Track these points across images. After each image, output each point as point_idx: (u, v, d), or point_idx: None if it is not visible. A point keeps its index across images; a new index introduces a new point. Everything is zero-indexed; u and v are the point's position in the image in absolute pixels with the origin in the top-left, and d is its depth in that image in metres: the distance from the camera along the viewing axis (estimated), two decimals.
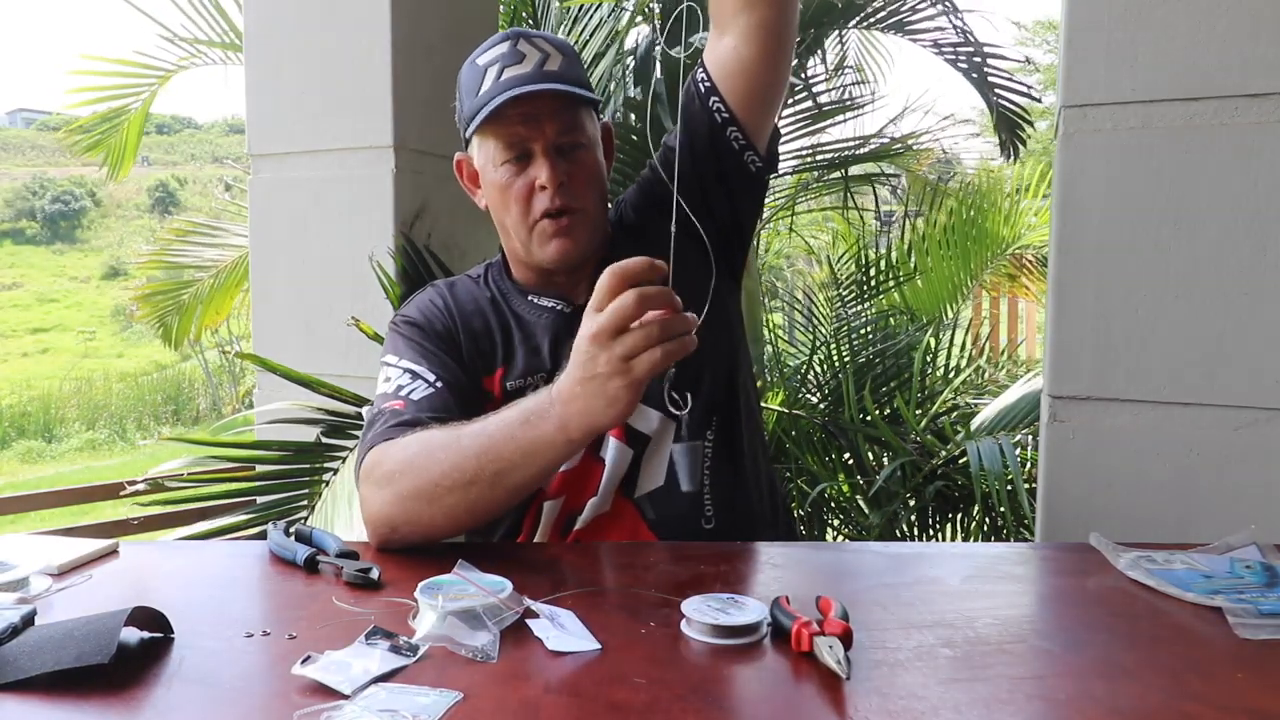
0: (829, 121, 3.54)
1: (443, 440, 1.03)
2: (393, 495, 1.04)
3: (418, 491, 1.02)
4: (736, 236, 1.32)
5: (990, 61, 3.18)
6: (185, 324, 4.25)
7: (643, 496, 1.22)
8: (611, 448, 1.21)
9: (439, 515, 1.03)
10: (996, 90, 3.21)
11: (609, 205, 1.30)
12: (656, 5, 3.24)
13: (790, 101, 3.52)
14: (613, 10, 3.04)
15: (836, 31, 3.33)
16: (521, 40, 1.18)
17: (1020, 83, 3.27)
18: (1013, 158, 3.34)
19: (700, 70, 1.23)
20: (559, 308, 1.25)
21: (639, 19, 3.24)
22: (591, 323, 0.91)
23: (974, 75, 3.20)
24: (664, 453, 1.22)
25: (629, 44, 3.09)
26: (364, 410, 1.23)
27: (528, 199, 1.18)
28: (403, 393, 1.15)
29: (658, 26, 3.16)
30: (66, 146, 4.16)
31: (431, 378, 1.16)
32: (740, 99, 1.21)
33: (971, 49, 3.14)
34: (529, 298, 1.26)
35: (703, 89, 1.22)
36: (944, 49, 3.17)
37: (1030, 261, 4.16)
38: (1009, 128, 3.26)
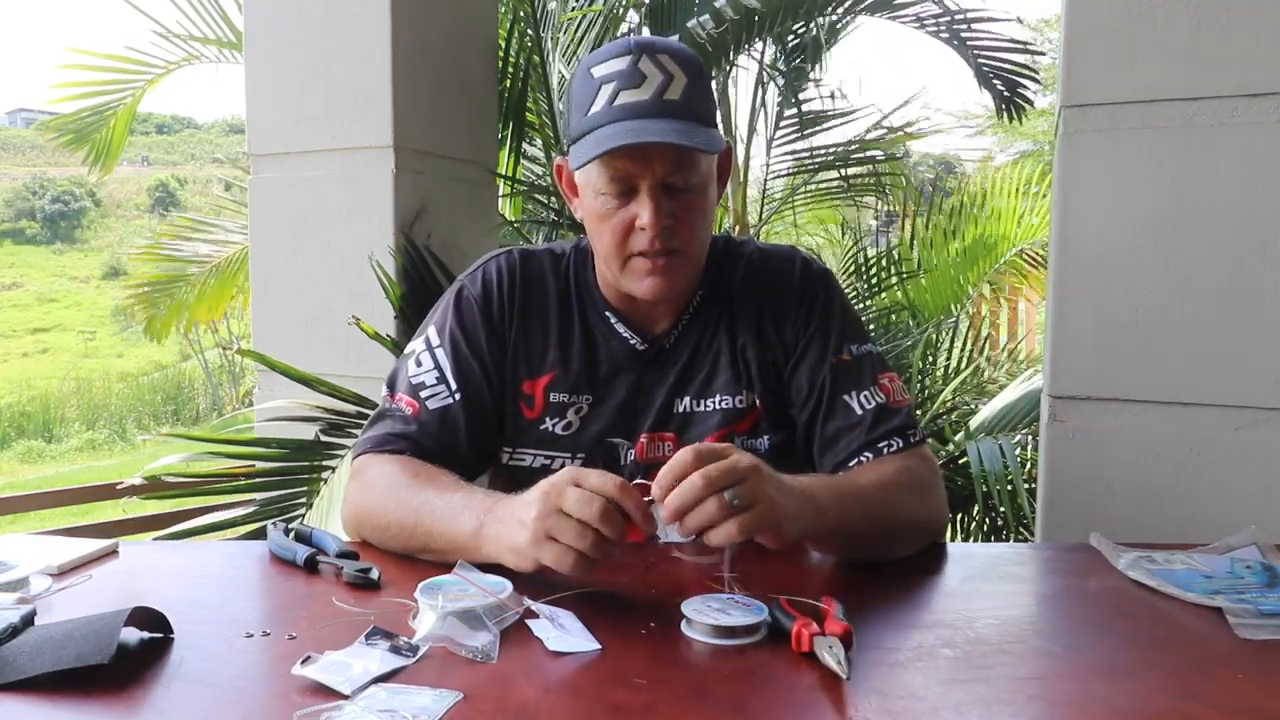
0: (825, 126, 3.54)
1: (403, 490, 1.06)
2: (360, 509, 1.12)
3: (373, 523, 1.09)
4: None
5: (975, 26, 3.14)
6: (171, 316, 4.22)
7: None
8: None
9: (388, 544, 1.08)
10: (982, 52, 3.15)
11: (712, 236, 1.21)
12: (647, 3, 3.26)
13: (792, 101, 3.53)
14: (603, 13, 3.07)
15: (831, 25, 3.32)
16: (644, 57, 1.07)
17: (1012, 40, 3.18)
18: (1016, 119, 3.25)
19: (823, 417, 1.16)
20: (633, 343, 1.19)
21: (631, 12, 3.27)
22: (559, 483, 0.88)
23: (955, 42, 3.16)
24: None
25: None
26: (384, 381, 1.23)
27: (626, 234, 1.10)
28: (422, 394, 1.17)
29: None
30: (47, 140, 4.13)
31: (454, 386, 1.17)
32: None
33: (949, 18, 3.10)
34: (607, 315, 1.20)
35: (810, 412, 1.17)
36: (926, 22, 3.14)
37: (1030, 260, 4.15)
38: (1008, 86, 3.18)
